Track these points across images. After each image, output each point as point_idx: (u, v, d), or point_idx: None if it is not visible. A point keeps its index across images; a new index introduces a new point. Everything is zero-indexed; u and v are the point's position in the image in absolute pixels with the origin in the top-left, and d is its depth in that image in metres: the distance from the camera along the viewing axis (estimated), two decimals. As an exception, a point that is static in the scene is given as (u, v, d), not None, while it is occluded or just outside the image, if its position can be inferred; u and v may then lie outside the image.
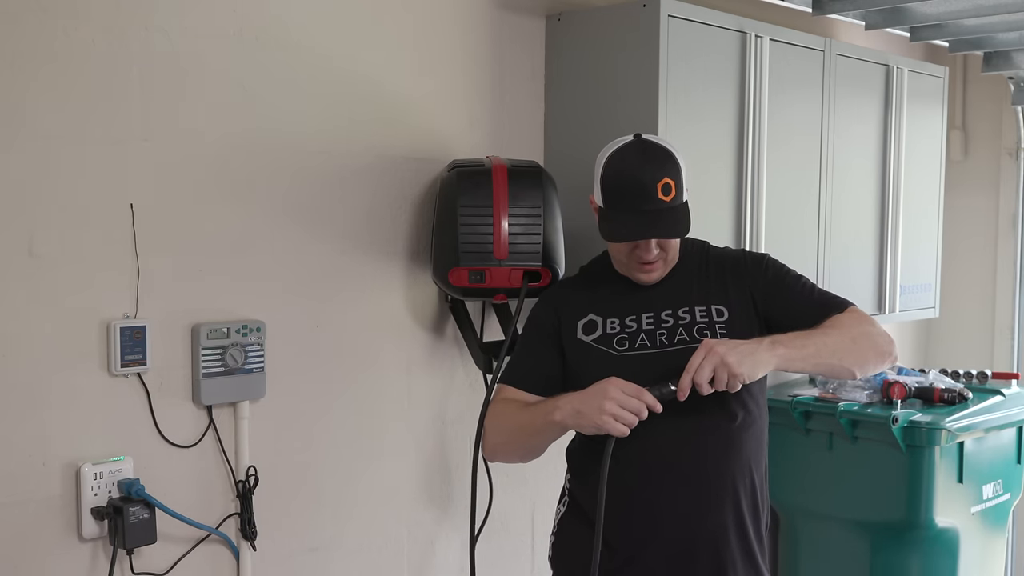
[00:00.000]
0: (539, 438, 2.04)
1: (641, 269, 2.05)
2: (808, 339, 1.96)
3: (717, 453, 2.01)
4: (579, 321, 2.09)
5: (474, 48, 2.72)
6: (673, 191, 1.97)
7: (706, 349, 1.87)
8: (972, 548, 3.19)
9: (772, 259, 2.15)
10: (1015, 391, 3.40)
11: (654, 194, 1.95)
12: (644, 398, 1.87)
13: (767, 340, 1.92)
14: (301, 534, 2.47)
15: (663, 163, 1.99)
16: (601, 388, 1.88)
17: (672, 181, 1.97)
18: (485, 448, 2.14)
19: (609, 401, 1.85)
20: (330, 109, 2.45)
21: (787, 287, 2.09)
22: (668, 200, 1.96)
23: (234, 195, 2.30)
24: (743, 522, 2.03)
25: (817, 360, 1.96)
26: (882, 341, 2.04)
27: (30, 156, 2.02)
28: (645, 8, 2.62)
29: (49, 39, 2.03)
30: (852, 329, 2.02)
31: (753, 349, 1.88)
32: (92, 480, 2.10)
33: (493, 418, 2.10)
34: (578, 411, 1.90)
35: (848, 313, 2.05)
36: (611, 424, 1.85)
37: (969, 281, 4.39)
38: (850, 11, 3.15)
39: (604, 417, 1.85)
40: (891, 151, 3.47)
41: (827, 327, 2.00)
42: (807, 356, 1.95)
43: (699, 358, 1.86)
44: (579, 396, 1.92)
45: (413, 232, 2.61)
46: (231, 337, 2.27)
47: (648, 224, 1.97)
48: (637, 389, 1.87)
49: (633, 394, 1.87)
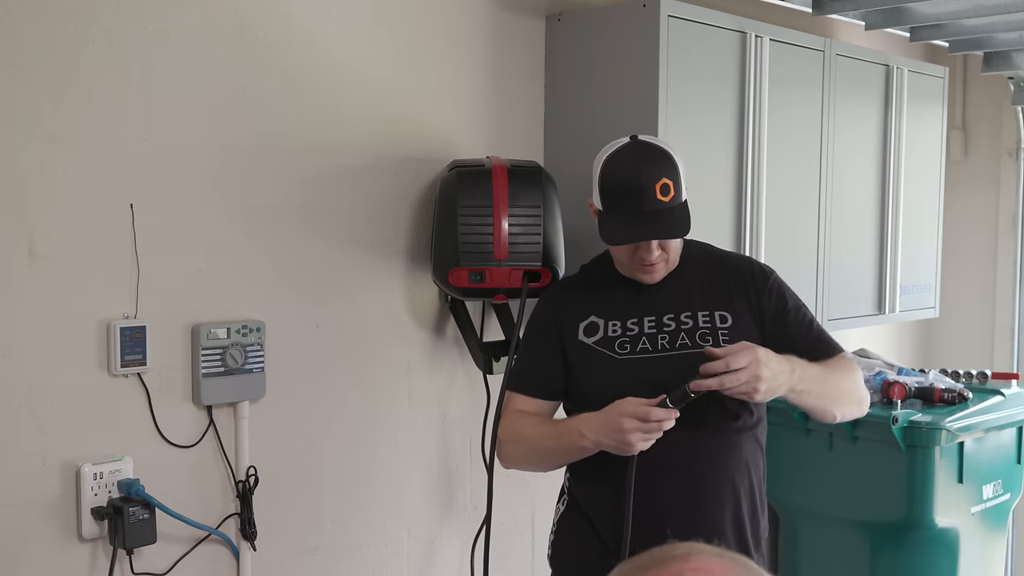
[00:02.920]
0: (567, 458, 2.07)
1: (643, 270, 2.04)
2: (826, 383, 1.98)
3: (716, 454, 2.01)
4: (580, 323, 2.08)
5: (474, 48, 2.71)
6: (672, 191, 1.96)
7: (752, 358, 1.83)
8: (972, 548, 3.19)
9: (778, 279, 2.13)
10: (1015, 391, 3.39)
11: (652, 195, 1.95)
12: (653, 417, 1.85)
13: (798, 372, 1.91)
14: (301, 534, 2.47)
15: (660, 164, 1.98)
16: (615, 421, 1.87)
17: (670, 181, 1.96)
18: (504, 460, 2.14)
19: (630, 434, 1.85)
20: (330, 109, 2.45)
21: (788, 313, 2.08)
22: (667, 200, 1.96)
23: (234, 195, 2.30)
24: (742, 524, 2.03)
25: (820, 404, 2.00)
26: (864, 395, 2.10)
27: (30, 156, 2.02)
28: (645, 8, 2.62)
29: (49, 39, 2.03)
30: (848, 379, 2.05)
31: (786, 376, 1.88)
32: (92, 480, 2.10)
33: (510, 433, 2.10)
34: (601, 442, 1.91)
35: (843, 360, 2.07)
36: (644, 444, 1.87)
37: (969, 281, 4.39)
38: (850, 11, 3.15)
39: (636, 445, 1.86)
40: (891, 151, 3.47)
41: (835, 370, 2.02)
42: (815, 397, 1.97)
43: (742, 362, 1.82)
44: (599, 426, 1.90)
45: (413, 232, 2.61)
46: (231, 337, 2.27)
47: (648, 226, 1.97)
48: (647, 411, 1.86)
49: (644, 417, 1.85)
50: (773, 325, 2.06)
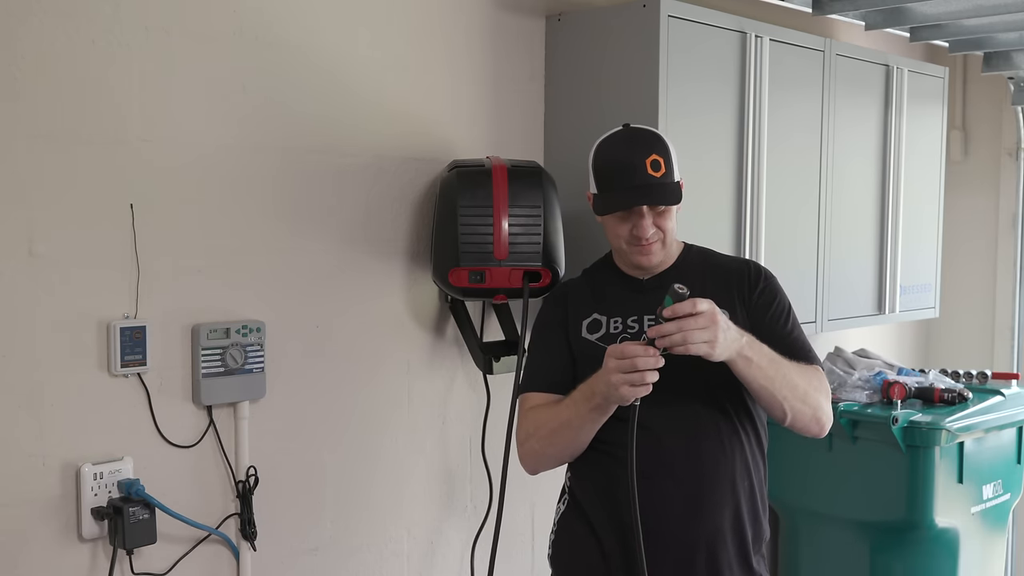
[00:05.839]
0: (584, 425, 1.99)
1: (640, 251, 2.05)
2: (777, 366, 1.95)
3: (716, 457, 2.01)
4: (584, 320, 2.10)
5: (474, 48, 2.72)
6: (663, 168, 2.00)
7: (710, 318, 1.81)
8: (972, 548, 3.19)
9: (775, 282, 2.14)
10: (1015, 391, 3.39)
11: (644, 170, 1.99)
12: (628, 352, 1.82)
13: (746, 339, 1.90)
14: (301, 534, 2.47)
15: (651, 143, 2.03)
16: (604, 367, 1.87)
17: (661, 158, 2.00)
18: (526, 461, 2.12)
19: (614, 375, 1.84)
20: (330, 109, 2.45)
21: (771, 309, 2.08)
22: (658, 176, 1.99)
23: (234, 195, 2.30)
24: (742, 527, 2.03)
25: (768, 386, 1.94)
26: (823, 416, 2.04)
27: (30, 156, 2.02)
28: (645, 8, 2.62)
29: (49, 39, 2.03)
30: (811, 386, 2.01)
31: (735, 335, 1.87)
32: (92, 480, 2.10)
33: (528, 427, 2.07)
34: (600, 392, 1.89)
35: (812, 367, 2.05)
36: (629, 391, 1.83)
37: (969, 281, 4.39)
38: (850, 11, 3.15)
39: (621, 390, 1.83)
40: (891, 151, 3.47)
41: (795, 365, 1.99)
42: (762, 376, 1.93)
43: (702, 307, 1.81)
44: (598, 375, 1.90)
45: (413, 232, 2.61)
46: (231, 337, 2.27)
47: (640, 195, 2.00)
48: (621, 347, 1.85)
49: (626, 355, 1.83)
50: (755, 319, 2.06)
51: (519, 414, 2.14)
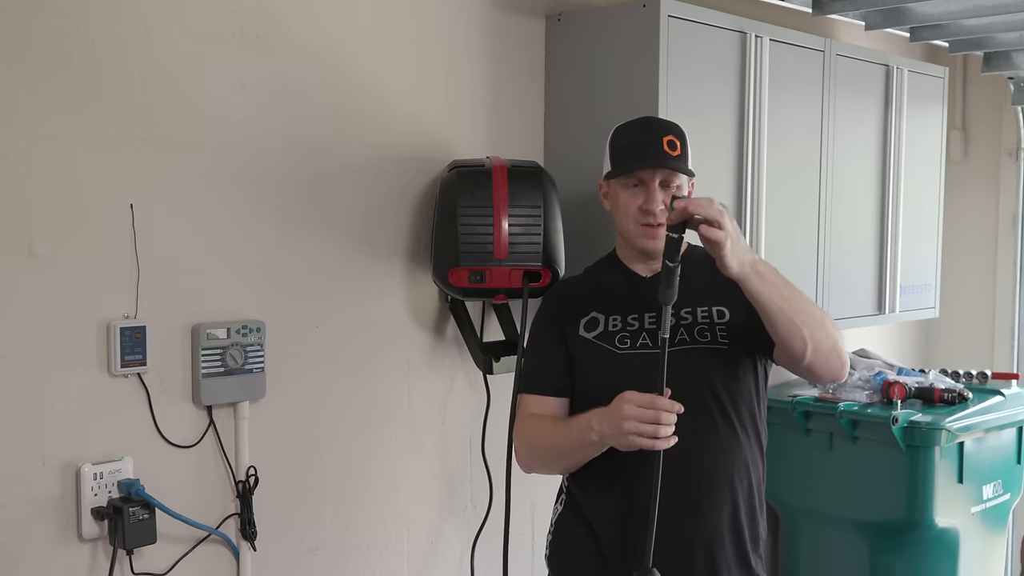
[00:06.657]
0: (579, 455, 2.00)
1: (647, 233, 2.04)
2: (791, 289, 1.93)
3: (715, 455, 2.01)
4: (582, 319, 2.09)
5: (474, 48, 2.72)
6: (679, 148, 2.03)
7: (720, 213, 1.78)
8: (972, 548, 3.19)
9: None
10: (1015, 391, 3.40)
11: (660, 147, 2.01)
12: (658, 404, 1.80)
13: (759, 257, 1.90)
14: (301, 534, 2.47)
15: (668, 126, 2.08)
16: (616, 408, 1.84)
17: (677, 140, 2.03)
18: (522, 465, 2.14)
19: (627, 421, 1.81)
20: (330, 109, 2.45)
21: None
22: (674, 154, 2.01)
23: (234, 195, 2.30)
24: (739, 526, 2.03)
25: (783, 307, 1.89)
26: (843, 351, 2.02)
27: (30, 156, 2.02)
28: (645, 8, 2.62)
29: (49, 39, 2.03)
30: (826, 317, 2.00)
31: (745, 247, 1.86)
32: (92, 480, 2.10)
33: (525, 436, 2.10)
34: (605, 433, 1.88)
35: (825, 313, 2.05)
36: (641, 441, 1.81)
37: (969, 281, 4.39)
38: (850, 11, 3.15)
39: (630, 438, 1.82)
40: (891, 151, 3.47)
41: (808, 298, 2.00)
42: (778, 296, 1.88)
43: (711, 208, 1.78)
44: (604, 417, 1.87)
45: (413, 232, 2.61)
46: (231, 337, 2.27)
47: (654, 163, 2.01)
48: (650, 399, 1.81)
49: (647, 405, 1.81)
50: None
51: (517, 414, 2.15)
